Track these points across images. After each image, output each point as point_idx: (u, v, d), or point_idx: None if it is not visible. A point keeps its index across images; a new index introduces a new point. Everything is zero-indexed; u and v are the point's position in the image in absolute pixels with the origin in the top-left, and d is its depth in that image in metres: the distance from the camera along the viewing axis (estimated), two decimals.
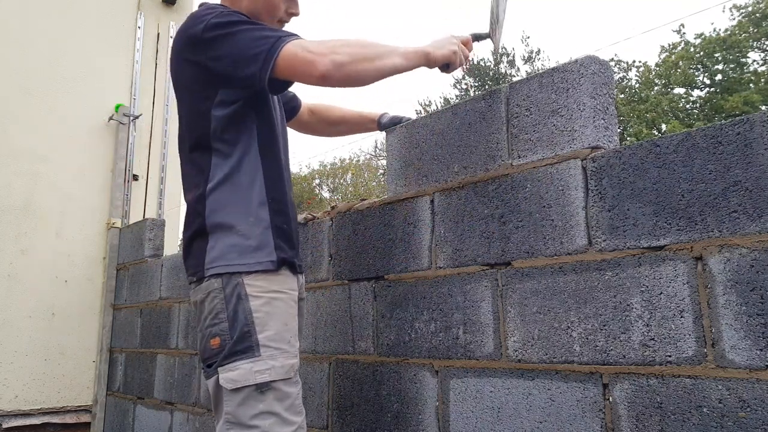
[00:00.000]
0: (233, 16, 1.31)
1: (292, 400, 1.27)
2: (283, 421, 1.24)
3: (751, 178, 1.08)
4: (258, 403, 1.23)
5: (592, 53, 1.41)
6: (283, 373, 1.25)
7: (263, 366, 1.23)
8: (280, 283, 1.32)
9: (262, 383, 1.23)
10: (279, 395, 1.25)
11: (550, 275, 1.35)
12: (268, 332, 1.26)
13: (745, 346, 1.05)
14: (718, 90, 16.80)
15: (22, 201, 3.46)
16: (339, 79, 1.27)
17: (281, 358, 1.26)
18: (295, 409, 1.28)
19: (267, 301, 1.28)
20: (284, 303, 1.32)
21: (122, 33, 4.05)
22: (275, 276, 1.32)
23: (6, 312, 3.31)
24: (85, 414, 3.48)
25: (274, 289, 1.30)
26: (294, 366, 1.29)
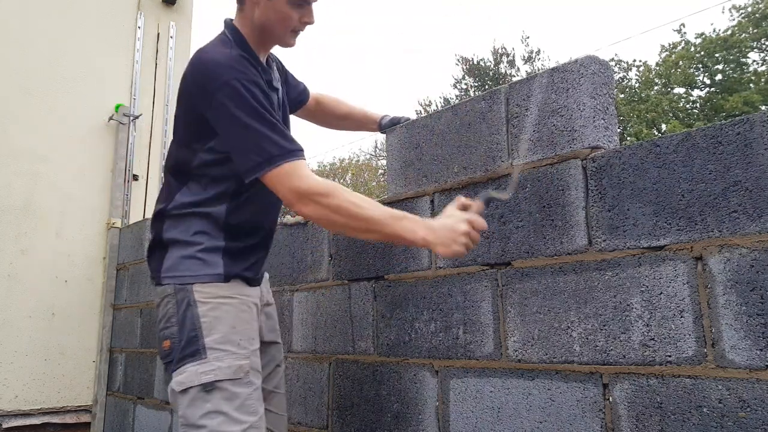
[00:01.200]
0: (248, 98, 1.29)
1: (242, 399, 1.29)
2: (231, 420, 1.26)
3: (751, 178, 1.08)
4: (205, 403, 1.26)
5: (592, 53, 1.41)
6: (230, 373, 1.28)
7: (209, 367, 1.27)
8: (229, 289, 1.36)
9: (207, 383, 1.26)
10: (227, 395, 1.27)
11: (550, 275, 1.35)
12: (214, 335, 1.30)
13: (745, 346, 1.05)
14: (718, 90, 16.81)
15: (22, 201, 3.46)
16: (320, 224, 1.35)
17: (228, 359, 1.30)
18: (247, 409, 1.29)
19: (214, 306, 1.33)
20: (233, 307, 1.35)
21: (122, 33, 4.05)
22: (225, 284, 1.36)
23: (6, 312, 3.31)
24: (85, 414, 3.47)
25: (222, 295, 1.35)
26: (243, 367, 1.31)
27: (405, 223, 1.27)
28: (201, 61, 1.36)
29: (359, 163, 22.50)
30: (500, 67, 21.61)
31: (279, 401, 1.63)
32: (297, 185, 1.27)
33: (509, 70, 21.51)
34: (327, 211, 1.26)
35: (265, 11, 1.41)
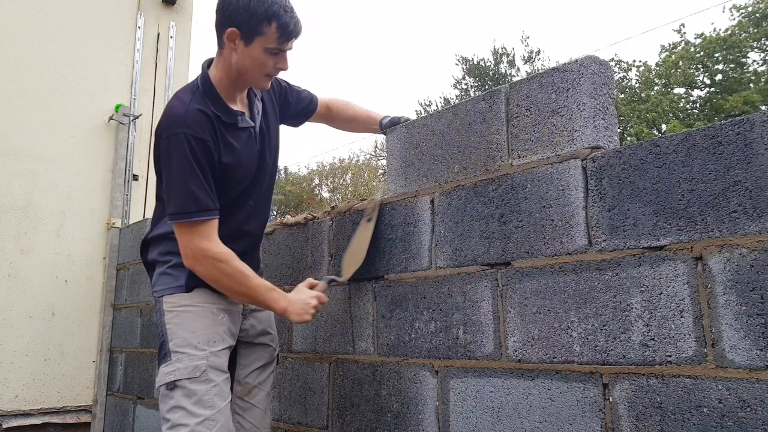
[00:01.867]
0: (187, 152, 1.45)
1: (199, 396, 1.45)
2: (189, 413, 1.44)
3: (751, 178, 1.08)
4: (170, 399, 1.46)
5: (592, 53, 1.41)
6: (187, 372, 1.46)
7: (171, 368, 1.47)
8: (191, 298, 1.54)
9: (169, 382, 1.46)
10: (186, 392, 1.45)
11: (550, 275, 1.35)
12: (176, 340, 1.50)
13: (745, 346, 1.05)
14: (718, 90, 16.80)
15: (22, 201, 3.46)
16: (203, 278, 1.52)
17: (186, 360, 1.47)
18: (204, 404, 1.45)
19: (177, 314, 1.52)
20: (194, 314, 1.53)
21: (122, 33, 4.05)
22: (187, 293, 1.54)
23: (6, 312, 3.31)
24: (85, 414, 3.47)
25: (184, 303, 1.54)
26: (199, 367, 1.47)
27: (273, 295, 1.54)
28: (166, 109, 1.56)
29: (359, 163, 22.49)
30: (500, 67, 21.60)
31: (263, 398, 1.74)
32: (201, 245, 1.47)
33: (509, 70, 21.51)
34: (218, 274, 1.48)
35: (242, 57, 1.51)
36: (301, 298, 1.58)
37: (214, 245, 1.48)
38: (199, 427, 1.43)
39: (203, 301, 1.55)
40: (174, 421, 1.44)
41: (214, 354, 1.51)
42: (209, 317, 1.54)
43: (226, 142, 1.55)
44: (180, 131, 1.45)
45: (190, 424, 1.42)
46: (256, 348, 1.75)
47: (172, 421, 1.44)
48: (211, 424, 1.44)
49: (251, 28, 1.46)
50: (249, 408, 1.71)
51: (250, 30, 1.47)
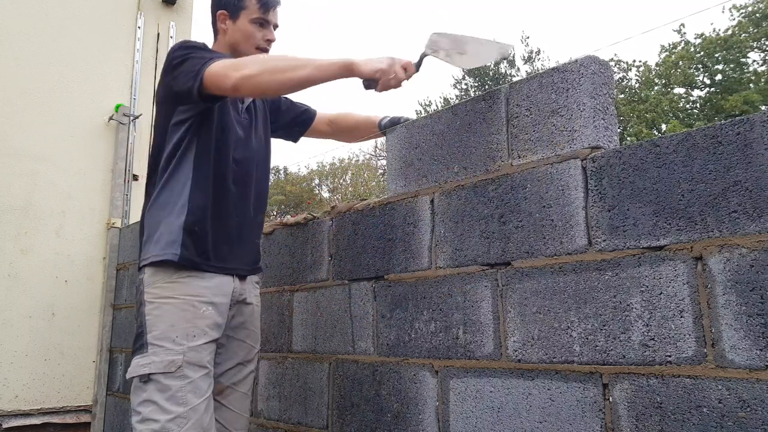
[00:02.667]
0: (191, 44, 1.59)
1: (173, 392, 1.42)
2: (161, 409, 1.41)
3: (751, 178, 1.08)
4: (142, 392, 1.44)
5: (592, 53, 1.41)
6: (162, 367, 1.43)
7: (146, 360, 1.45)
8: (173, 290, 1.51)
9: (143, 375, 1.44)
10: (159, 386, 1.42)
11: (550, 275, 1.35)
12: (154, 332, 1.47)
13: (745, 346, 1.05)
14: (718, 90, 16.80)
15: (22, 201, 3.46)
16: (248, 89, 1.50)
17: (162, 354, 1.44)
18: (177, 401, 1.42)
19: (157, 306, 1.49)
20: (174, 307, 1.49)
21: (122, 33, 4.05)
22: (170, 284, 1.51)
23: (6, 312, 3.31)
24: (85, 414, 3.47)
25: (165, 296, 1.50)
26: (175, 362, 1.44)
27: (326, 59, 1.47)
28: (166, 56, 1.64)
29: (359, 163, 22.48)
30: (500, 67, 21.60)
31: (237, 399, 1.70)
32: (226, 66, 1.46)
33: (509, 70, 21.50)
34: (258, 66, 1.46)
35: (233, 33, 1.70)
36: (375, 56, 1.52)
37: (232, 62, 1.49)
38: (169, 424, 1.39)
39: (185, 294, 1.51)
40: (144, 415, 1.42)
41: (193, 349, 1.47)
42: (190, 311, 1.51)
43: None
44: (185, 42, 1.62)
45: (160, 420, 1.40)
46: (232, 344, 1.70)
47: (142, 415, 1.42)
48: (182, 422, 1.40)
49: (235, 6, 1.69)
50: (219, 408, 1.65)
51: (234, 7, 1.69)
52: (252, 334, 1.76)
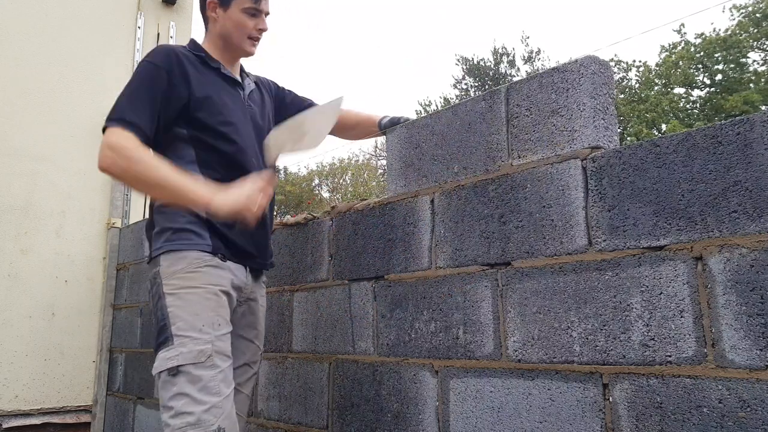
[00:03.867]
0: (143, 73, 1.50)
1: (205, 382, 1.37)
2: (194, 401, 1.35)
3: (751, 178, 1.08)
4: (172, 386, 1.37)
5: (592, 53, 1.41)
6: (192, 357, 1.37)
7: (173, 353, 1.38)
8: (194, 279, 1.45)
9: (172, 367, 1.37)
10: (190, 378, 1.36)
11: (550, 275, 1.35)
12: (179, 323, 1.41)
13: (745, 346, 1.04)
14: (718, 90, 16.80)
15: (22, 201, 3.46)
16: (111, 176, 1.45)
17: (190, 344, 1.38)
18: (210, 390, 1.37)
19: (179, 296, 1.43)
20: (197, 295, 1.44)
21: (122, 33, 4.05)
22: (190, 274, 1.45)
23: (6, 312, 3.31)
24: (85, 414, 3.47)
25: (187, 285, 1.44)
26: (204, 351, 1.38)
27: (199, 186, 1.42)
28: None
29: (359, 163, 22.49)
30: (500, 67, 21.60)
31: (240, 401, 1.63)
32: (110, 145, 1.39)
33: (509, 70, 21.51)
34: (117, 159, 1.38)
35: (224, 22, 1.63)
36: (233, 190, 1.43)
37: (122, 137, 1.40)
38: (205, 415, 1.34)
39: (207, 282, 1.46)
40: (178, 408, 1.34)
41: (219, 338, 1.43)
42: (213, 299, 1.45)
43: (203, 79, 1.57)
44: (143, 60, 1.54)
45: (195, 412, 1.33)
46: (241, 343, 1.65)
47: (175, 409, 1.34)
48: (218, 412, 1.35)
49: None
50: None
51: None
52: (260, 335, 1.72)
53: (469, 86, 22.13)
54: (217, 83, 1.62)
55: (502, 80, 20.38)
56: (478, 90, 21.34)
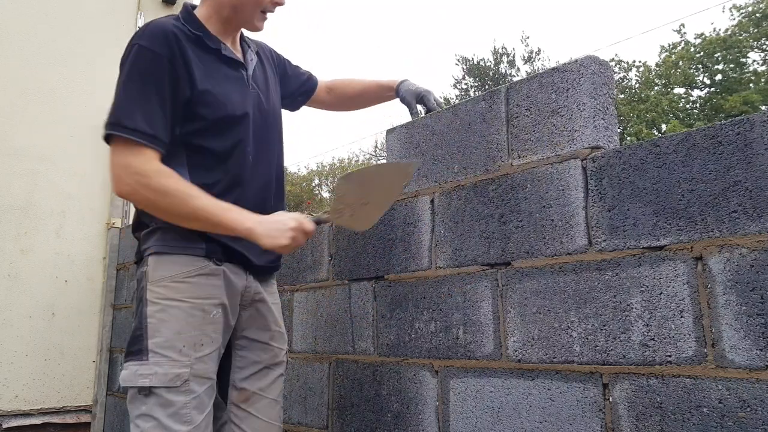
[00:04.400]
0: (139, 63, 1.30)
1: (177, 408, 1.27)
2: (163, 427, 1.26)
3: (751, 178, 1.08)
4: (141, 404, 1.29)
5: (592, 53, 1.41)
6: (167, 380, 1.26)
7: (147, 371, 1.27)
8: (181, 291, 1.32)
9: (143, 387, 1.27)
10: (161, 401, 1.27)
11: (550, 275, 1.35)
12: (157, 338, 1.28)
13: (745, 346, 1.05)
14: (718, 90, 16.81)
15: (22, 201, 3.46)
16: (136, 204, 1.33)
17: (166, 365, 1.27)
18: (181, 418, 1.27)
19: (162, 309, 1.30)
20: (181, 311, 1.31)
21: (122, 33, 4.04)
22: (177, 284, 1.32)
23: (6, 312, 3.31)
24: (85, 414, 3.47)
25: (171, 297, 1.31)
26: (181, 375, 1.27)
27: (232, 215, 1.29)
28: None
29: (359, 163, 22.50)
30: (500, 67, 21.61)
31: (266, 406, 1.50)
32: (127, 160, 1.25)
33: (509, 70, 21.52)
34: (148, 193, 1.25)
35: None
36: (275, 219, 1.33)
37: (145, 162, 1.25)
38: None
39: (194, 296, 1.33)
40: (144, 429, 1.28)
41: (200, 360, 1.31)
42: (198, 316, 1.33)
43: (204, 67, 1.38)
44: (135, 42, 1.31)
45: None
46: (254, 347, 1.52)
47: (141, 429, 1.29)
48: None
49: None
50: (247, 417, 1.47)
51: None
52: (276, 335, 1.56)
53: (469, 86, 22.14)
54: (218, 70, 1.42)
55: (502, 80, 20.39)
56: (478, 90, 21.34)
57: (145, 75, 1.29)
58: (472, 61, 22.16)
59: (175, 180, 1.27)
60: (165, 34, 1.33)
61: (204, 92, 1.36)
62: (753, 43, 16.28)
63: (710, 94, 17.13)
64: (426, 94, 1.77)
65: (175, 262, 1.34)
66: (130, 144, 1.26)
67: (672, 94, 17.60)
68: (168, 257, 1.35)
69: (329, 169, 22.79)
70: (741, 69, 16.47)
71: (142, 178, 1.24)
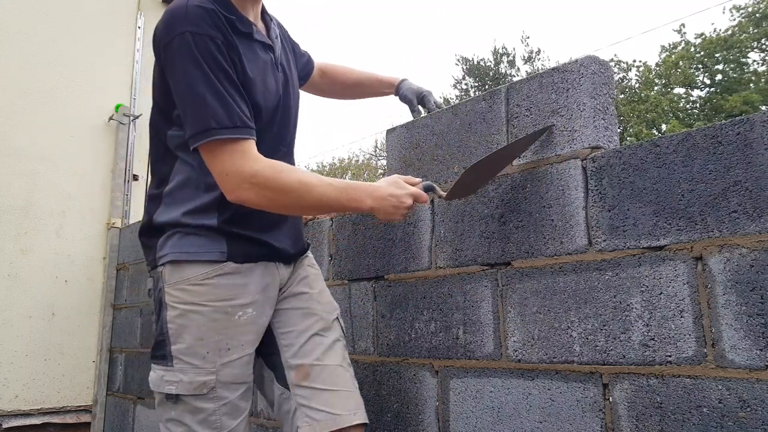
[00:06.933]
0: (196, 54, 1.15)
1: (206, 415, 1.22)
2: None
3: (751, 178, 1.08)
4: (170, 410, 1.23)
5: (592, 53, 1.41)
6: (192, 388, 1.21)
7: (172, 377, 1.22)
8: (200, 294, 1.23)
9: (170, 394, 1.22)
10: (190, 408, 1.22)
11: (550, 275, 1.35)
12: (179, 345, 1.22)
13: (745, 346, 1.05)
14: (718, 90, 16.81)
15: (22, 201, 3.46)
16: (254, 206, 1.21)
17: (191, 373, 1.22)
18: (211, 425, 1.22)
19: (182, 314, 1.23)
20: (203, 315, 1.23)
21: (122, 33, 4.05)
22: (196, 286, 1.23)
23: (6, 312, 3.31)
24: (85, 414, 3.47)
25: (191, 301, 1.23)
26: (207, 383, 1.21)
27: (352, 194, 1.25)
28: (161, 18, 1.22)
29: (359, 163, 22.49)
30: (500, 67, 21.61)
31: (331, 376, 1.34)
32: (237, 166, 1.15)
33: (509, 70, 21.52)
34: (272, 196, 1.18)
35: None
36: (394, 194, 1.28)
37: (252, 162, 1.16)
38: None
39: (215, 299, 1.24)
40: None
41: (227, 365, 1.24)
42: (221, 319, 1.24)
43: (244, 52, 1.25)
44: (182, 30, 1.15)
45: None
46: (293, 316, 1.38)
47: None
48: None
49: None
50: (313, 394, 1.30)
51: None
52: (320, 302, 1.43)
53: (469, 86, 22.14)
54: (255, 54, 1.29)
55: (502, 80, 20.39)
56: (478, 90, 21.35)
57: (207, 63, 1.15)
58: (472, 61, 22.17)
59: (288, 173, 1.19)
60: (210, 14, 1.18)
61: (252, 80, 1.25)
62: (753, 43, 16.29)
63: (710, 94, 17.13)
64: (427, 95, 1.77)
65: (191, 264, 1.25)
66: (226, 144, 1.15)
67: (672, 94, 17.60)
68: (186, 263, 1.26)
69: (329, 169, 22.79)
70: (741, 69, 16.48)
71: (257, 179, 1.16)
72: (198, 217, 1.26)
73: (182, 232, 1.26)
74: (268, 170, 1.17)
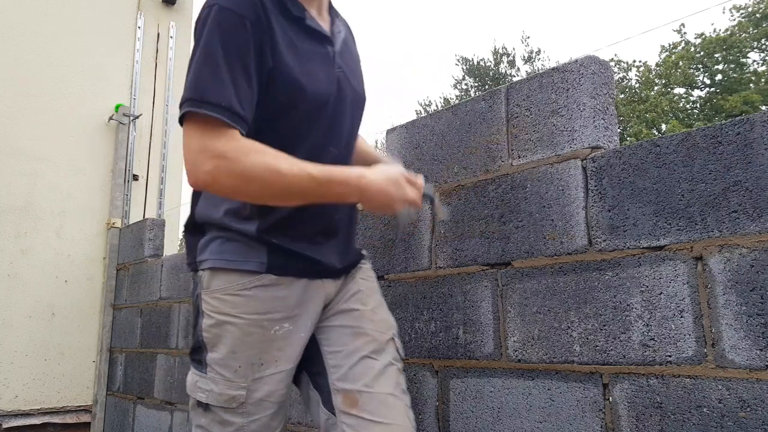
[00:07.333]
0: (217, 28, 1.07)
1: (234, 429, 1.16)
2: None
3: (751, 178, 1.08)
4: (200, 416, 1.19)
5: (592, 53, 1.41)
6: (222, 401, 1.16)
7: (205, 385, 1.18)
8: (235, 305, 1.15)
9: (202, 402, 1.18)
10: (219, 419, 1.17)
11: (550, 275, 1.35)
12: (214, 354, 1.17)
13: (745, 346, 1.05)
14: (718, 90, 16.82)
15: (22, 201, 3.46)
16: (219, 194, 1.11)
17: (222, 384, 1.16)
18: None
19: (216, 324, 1.16)
20: (237, 329, 1.15)
21: (122, 33, 4.05)
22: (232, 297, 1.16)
23: (6, 312, 3.32)
24: (85, 414, 3.48)
25: (225, 312, 1.15)
26: (236, 398, 1.15)
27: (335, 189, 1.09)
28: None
29: None
30: (500, 67, 21.62)
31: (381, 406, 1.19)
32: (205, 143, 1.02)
33: (509, 70, 21.53)
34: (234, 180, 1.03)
35: None
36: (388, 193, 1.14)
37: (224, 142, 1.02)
38: None
39: (251, 311, 1.15)
40: None
41: (259, 381, 1.17)
42: (257, 333, 1.16)
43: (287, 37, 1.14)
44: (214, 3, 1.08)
45: None
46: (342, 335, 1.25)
47: None
48: None
49: None
50: (360, 424, 1.17)
51: None
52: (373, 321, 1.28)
53: (469, 86, 22.14)
54: (303, 42, 1.18)
55: (502, 80, 20.39)
56: (478, 90, 21.35)
57: (227, 41, 1.06)
58: (472, 61, 22.17)
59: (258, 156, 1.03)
60: None
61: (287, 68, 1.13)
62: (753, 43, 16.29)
63: (710, 94, 17.13)
64: None
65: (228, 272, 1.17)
66: (209, 123, 1.04)
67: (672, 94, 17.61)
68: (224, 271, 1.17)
69: None
70: (741, 69, 16.48)
71: (222, 161, 1.01)
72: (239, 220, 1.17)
73: (224, 238, 1.18)
74: (233, 152, 1.02)
